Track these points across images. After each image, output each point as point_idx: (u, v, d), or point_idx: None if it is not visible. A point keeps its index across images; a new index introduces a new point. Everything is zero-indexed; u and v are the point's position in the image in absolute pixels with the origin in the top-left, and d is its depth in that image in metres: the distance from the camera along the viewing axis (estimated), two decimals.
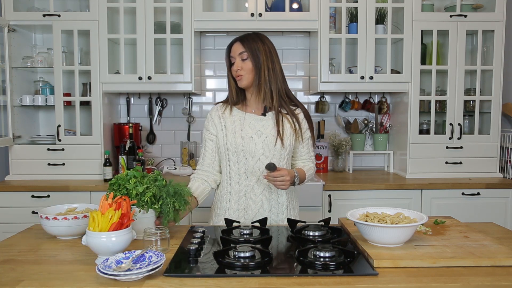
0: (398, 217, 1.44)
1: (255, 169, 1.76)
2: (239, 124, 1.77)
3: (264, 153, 1.75)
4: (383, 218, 1.42)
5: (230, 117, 1.80)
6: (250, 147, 1.74)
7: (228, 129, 1.78)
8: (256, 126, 1.77)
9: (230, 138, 1.76)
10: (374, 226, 1.33)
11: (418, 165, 2.98)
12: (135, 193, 1.47)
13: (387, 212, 1.50)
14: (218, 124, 1.80)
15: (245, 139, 1.75)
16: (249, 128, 1.76)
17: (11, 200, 2.77)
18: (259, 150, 1.75)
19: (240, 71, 1.74)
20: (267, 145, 1.75)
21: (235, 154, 1.76)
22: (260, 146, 1.75)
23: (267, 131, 1.76)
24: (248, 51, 1.73)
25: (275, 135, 1.76)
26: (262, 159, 1.75)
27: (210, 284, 1.11)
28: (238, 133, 1.76)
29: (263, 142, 1.75)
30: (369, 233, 1.35)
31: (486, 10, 3.02)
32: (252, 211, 1.79)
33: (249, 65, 1.74)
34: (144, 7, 2.88)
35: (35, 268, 1.24)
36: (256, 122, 1.78)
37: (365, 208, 1.52)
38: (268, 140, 1.75)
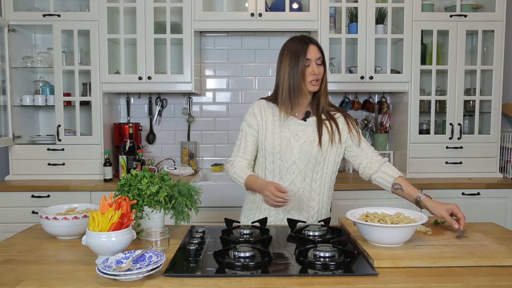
0: (398, 217, 1.44)
1: (290, 171, 1.76)
2: (279, 126, 1.76)
3: (300, 157, 1.75)
4: (383, 218, 1.42)
5: (271, 116, 1.78)
6: (287, 150, 1.74)
7: (268, 129, 1.77)
8: (295, 130, 1.76)
9: (269, 139, 1.76)
10: (374, 226, 1.33)
11: (418, 165, 2.98)
12: (148, 193, 1.47)
13: (387, 212, 1.50)
14: (260, 121, 1.79)
15: (283, 142, 1.74)
16: (288, 131, 1.75)
17: (11, 200, 2.77)
18: (296, 154, 1.74)
19: (318, 76, 1.72)
20: (303, 149, 1.74)
21: (272, 154, 1.76)
22: (297, 150, 1.74)
23: (305, 136, 1.75)
24: (323, 57, 1.73)
25: (313, 140, 1.75)
26: (298, 162, 1.75)
27: (210, 284, 1.11)
28: (277, 135, 1.75)
29: (300, 146, 1.74)
30: (369, 233, 1.35)
31: (486, 10, 3.02)
32: (284, 211, 1.80)
33: (321, 71, 1.73)
34: (144, 7, 2.88)
35: (35, 268, 1.24)
36: (296, 126, 1.76)
37: (365, 208, 1.52)
38: (305, 145, 1.74)
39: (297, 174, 1.76)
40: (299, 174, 1.77)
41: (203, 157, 3.40)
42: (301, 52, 1.69)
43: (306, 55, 1.69)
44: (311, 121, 1.78)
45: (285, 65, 1.72)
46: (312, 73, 1.70)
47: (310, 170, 1.77)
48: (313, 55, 1.70)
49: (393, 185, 1.75)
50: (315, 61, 1.71)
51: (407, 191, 1.71)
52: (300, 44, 1.71)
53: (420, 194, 1.66)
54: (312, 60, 1.70)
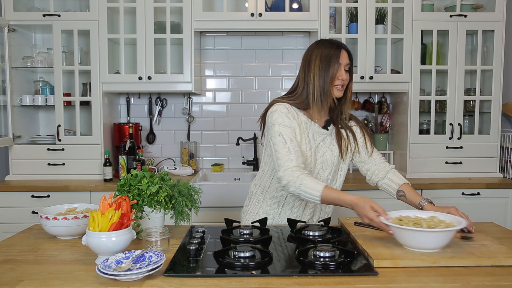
0: (433, 221, 1.39)
1: None
2: (305, 133, 1.70)
3: (323, 168, 1.74)
4: (417, 222, 1.37)
5: (297, 119, 1.69)
6: (311, 159, 1.70)
7: (296, 132, 1.67)
8: (317, 139, 1.73)
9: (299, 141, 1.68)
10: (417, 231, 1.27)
11: (418, 165, 2.98)
12: (148, 193, 1.47)
13: (420, 215, 1.46)
14: (293, 121, 1.67)
15: (308, 151, 1.69)
16: (312, 139, 1.71)
17: (11, 200, 2.77)
18: (319, 164, 1.73)
19: (345, 81, 1.71)
20: (325, 159, 1.73)
21: None
22: (320, 160, 1.73)
23: (325, 145, 1.74)
24: (351, 64, 1.72)
25: (333, 150, 1.75)
26: (321, 173, 1.74)
27: (210, 284, 1.11)
28: (303, 142, 1.68)
29: (322, 156, 1.73)
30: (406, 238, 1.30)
31: (486, 10, 3.02)
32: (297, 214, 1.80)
33: (348, 78, 1.72)
34: (144, 7, 2.88)
35: (35, 268, 1.24)
36: (318, 136, 1.73)
37: (397, 211, 1.47)
38: (327, 155, 1.74)
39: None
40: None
41: (203, 157, 3.40)
42: (333, 56, 1.66)
43: (339, 59, 1.67)
44: (331, 130, 1.77)
45: (315, 67, 1.66)
46: (340, 77, 1.67)
47: (331, 179, 1.78)
48: (344, 61, 1.68)
49: (397, 192, 1.75)
50: (344, 67, 1.69)
51: (409, 198, 1.71)
52: (332, 48, 1.68)
53: (422, 201, 1.66)
54: (342, 65, 1.68)
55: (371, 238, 1.45)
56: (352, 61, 1.74)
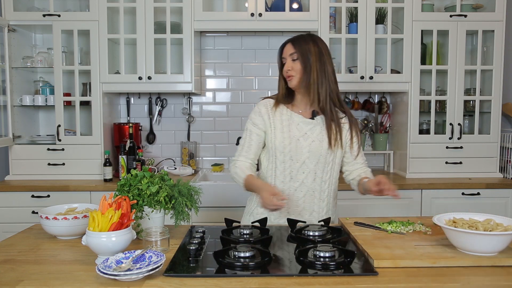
0: (489, 224, 1.36)
1: (300, 172, 1.75)
2: (287, 124, 1.76)
3: (310, 157, 1.74)
4: (473, 225, 1.35)
5: (278, 115, 1.78)
6: (297, 150, 1.74)
7: (277, 128, 1.76)
8: (303, 129, 1.75)
9: (279, 137, 1.75)
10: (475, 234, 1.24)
11: (418, 165, 2.98)
12: (148, 193, 1.47)
13: (475, 218, 1.43)
14: (267, 120, 1.78)
15: (293, 141, 1.74)
16: (297, 130, 1.75)
17: (11, 200, 2.77)
18: (305, 153, 1.74)
19: (291, 71, 1.73)
20: (313, 149, 1.74)
21: (283, 154, 1.75)
22: (306, 149, 1.74)
23: (313, 135, 1.75)
24: (298, 52, 1.72)
25: (321, 140, 1.75)
26: (307, 162, 1.75)
27: (210, 284, 1.11)
28: (286, 134, 1.75)
29: (309, 146, 1.74)
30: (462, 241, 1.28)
31: (486, 10, 3.02)
32: (294, 213, 1.78)
33: (298, 66, 1.72)
34: (144, 7, 2.88)
35: (35, 268, 1.24)
36: (304, 125, 1.76)
37: (450, 213, 1.44)
38: (315, 144, 1.74)
39: (307, 174, 1.75)
40: (309, 174, 1.76)
41: (203, 157, 3.40)
42: (279, 52, 1.81)
43: (282, 54, 1.79)
44: (319, 120, 1.77)
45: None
46: (286, 69, 1.75)
47: (320, 170, 1.76)
48: (286, 53, 1.76)
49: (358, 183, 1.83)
50: (289, 58, 1.75)
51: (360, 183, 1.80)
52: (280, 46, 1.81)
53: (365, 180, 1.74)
54: (286, 57, 1.76)
55: (371, 238, 1.45)
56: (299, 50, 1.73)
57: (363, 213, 2.75)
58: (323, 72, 1.72)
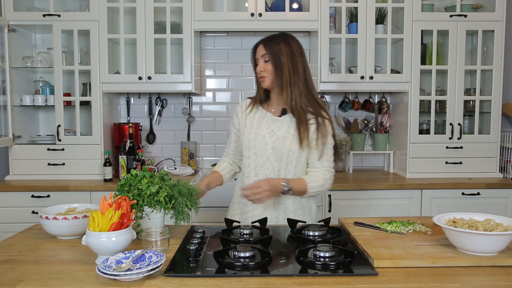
0: (489, 224, 1.36)
1: (264, 168, 1.79)
2: (257, 122, 1.83)
3: (273, 154, 1.77)
4: (473, 225, 1.34)
5: (252, 114, 1.86)
6: (261, 146, 1.78)
7: (247, 125, 1.85)
8: (271, 126, 1.80)
9: (246, 134, 1.82)
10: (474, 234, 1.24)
11: (418, 165, 2.98)
12: (148, 193, 1.47)
13: (475, 218, 1.43)
14: (241, 119, 1.88)
15: (258, 137, 1.79)
16: (264, 127, 1.80)
17: (11, 200, 2.77)
18: (269, 150, 1.77)
19: (263, 73, 1.77)
20: (276, 146, 1.76)
21: (247, 149, 1.81)
22: (270, 146, 1.77)
23: (279, 132, 1.77)
24: (269, 53, 1.74)
25: (285, 138, 1.76)
26: (271, 159, 1.78)
27: (210, 284, 1.11)
28: (253, 130, 1.82)
29: (273, 142, 1.77)
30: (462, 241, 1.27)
31: (486, 10, 3.02)
32: (260, 207, 1.81)
33: (270, 67, 1.75)
34: (144, 7, 2.88)
35: (35, 268, 1.24)
36: (272, 122, 1.81)
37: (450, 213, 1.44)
38: (278, 141, 1.76)
39: (271, 171, 1.78)
40: (272, 171, 1.78)
41: (203, 157, 3.40)
42: (252, 53, 1.83)
43: (255, 55, 1.81)
44: (287, 118, 1.80)
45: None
46: (258, 70, 1.78)
47: (283, 168, 1.78)
48: (258, 54, 1.79)
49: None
50: (261, 59, 1.77)
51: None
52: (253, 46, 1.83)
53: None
54: (258, 58, 1.79)
55: (371, 238, 1.45)
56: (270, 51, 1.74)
57: (363, 213, 2.75)
58: (295, 72, 1.74)
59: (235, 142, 1.95)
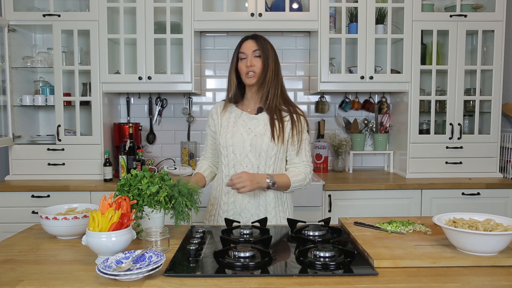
0: (489, 224, 1.36)
1: (243, 165, 1.81)
2: (233, 121, 1.85)
3: (252, 151, 1.80)
4: (473, 225, 1.34)
5: (227, 114, 1.89)
6: (239, 144, 1.80)
7: (223, 125, 1.87)
8: (247, 124, 1.82)
9: (223, 134, 1.84)
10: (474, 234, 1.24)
11: (418, 165, 2.98)
12: (148, 193, 1.47)
13: (474, 217, 1.43)
14: (216, 120, 1.90)
15: (235, 136, 1.81)
16: (241, 126, 1.83)
17: (11, 200, 2.77)
18: (247, 147, 1.80)
19: (253, 67, 1.79)
20: (254, 143, 1.79)
21: (225, 148, 1.83)
22: (248, 143, 1.80)
23: (256, 129, 1.81)
24: (261, 49, 1.79)
25: (263, 134, 1.79)
26: (250, 156, 1.80)
27: (210, 284, 1.11)
28: (230, 129, 1.83)
29: (251, 139, 1.80)
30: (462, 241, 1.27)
31: (486, 10, 3.02)
32: (240, 206, 1.83)
33: (259, 63, 1.79)
34: (144, 7, 2.88)
35: (35, 268, 1.24)
36: (249, 120, 1.83)
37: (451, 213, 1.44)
38: (256, 138, 1.79)
39: (250, 167, 1.81)
40: (251, 168, 1.80)
41: None
42: (236, 48, 1.85)
43: (240, 49, 1.83)
44: (263, 116, 1.83)
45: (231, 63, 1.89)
46: (248, 64, 1.79)
47: (262, 164, 1.80)
48: (248, 49, 1.80)
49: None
50: (251, 55, 1.79)
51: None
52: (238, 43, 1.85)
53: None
54: (247, 53, 1.80)
55: (371, 238, 1.45)
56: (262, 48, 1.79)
57: (363, 213, 2.75)
58: (277, 73, 1.81)
59: (212, 144, 1.96)
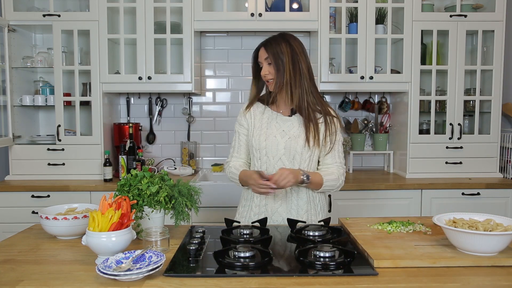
0: (489, 224, 1.36)
1: (276, 168, 1.76)
2: (266, 123, 1.81)
3: (286, 154, 1.76)
4: (473, 225, 1.34)
5: (260, 114, 1.84)
6: (273, 146, 1.76)
7: (256, 126, 1.82)
8: (281, 126, 1.78)
9: (256, 135, 1.80)
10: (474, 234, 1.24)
11: (418, 165, 2.98)
12: (149, 193, 1.47)
13: (474, 217, 1.43)
14: (250, 120, 1.85)
15: (269, 138, 1.77)
16: (275, 128, 1.79)
17: (11, 200, 2.77)
18: (281, 150, 1.76)
19: (268, 75, 1.75)
20: (289, 146, 1.75)
21: (258, 151, 1.79)
22: (282, 146, 1.76)
23: (291, 132, 1.76)
24: (270, 56, 1.73)
25: (298, 137, 1.75)
26: (283, 159, 1.76)
27: (210, 284, 1.11)
28: (263, 131, 1.79)
29: (285, 142, 1.76)
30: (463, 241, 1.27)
31: (486, 10, 3.02)
32: (272, 209, 1.80)
33: (271, 70, 1.75)
34: (144, 7, 2.88)
35: (35, 268, 1.24)
36: (283, 123, 1.79)
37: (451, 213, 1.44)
38: (290, 141, 1.75)
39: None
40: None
41: (203, 157, 3.40)
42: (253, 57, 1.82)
43: (258, 58, 1.80)
44: (297, 118, 1.79)
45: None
46: (264, 74, 1.77)
47: (296, 167, 1.76)
48: (261, 57, 1.77)
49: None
50: (264, 62, 1.76)
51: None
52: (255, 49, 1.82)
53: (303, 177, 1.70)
54: (262, 62, 1.78)
55: (371, 238, 1.45)
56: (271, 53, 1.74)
57: (362, 213, 2.75)
58: (297, 72, 1.73)
59: (245, 143, 1.87)
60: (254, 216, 1.82)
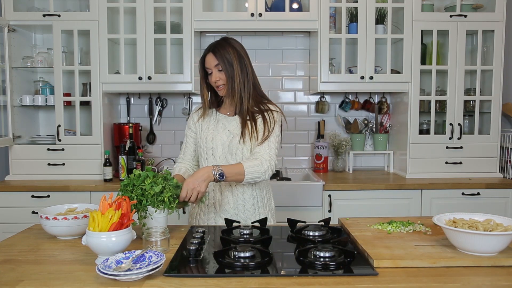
0: (489, 224, 1.35)
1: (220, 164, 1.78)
2: (213, 125, 1.87)
3: (229, 152, 1.81)
4: (473, 225, 1.34)
5: (207, 117, 1.90)
6: (219, 146, 1.82)
7: (203, 129, 1.89)
8: (227, 127, 1.84)
9: (203, 137, 1.86)
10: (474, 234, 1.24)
11: (418, 165, 2.98)
12: (152, 193, 1.47)
13: (474, 217, 1.43)
14: (197, 123, 1.92)
15: (215, 138, 1.83)
16: (221, 129, 1.84)
17: (11, 200, 2.77)
18: (225, 148, 1.82)
19: (219, 81, 1.79)
20: (231, 143, 1.81)
21: (205, 151, 1.85)
22: (226, 144, 1.82)
23: (235, 131, 1.82)
24: (221, 63, 1.76)
25: (238, 134, 1.80)
26: (228, 157, 1.82)
27: (210, 284, 1.11)
28: (210, 132, 1.85)
29: (230, 141, 1.81)
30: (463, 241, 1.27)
31: (486, 10, 3.02)
32: (220, 207, 1.84)
33: (222, 76, 1.78)
34: (144, 7, 2.88)
35: (35, 268, 1.24)
36: (228, 123, 1.85)
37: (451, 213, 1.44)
38: (233, 139, 1.81)
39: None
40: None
41: None
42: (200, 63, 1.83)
43: (205, 64, 1.81)
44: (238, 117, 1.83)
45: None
46: (214, 80, 1.79)
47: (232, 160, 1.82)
48: (210, 64, 1.79)
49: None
50: (214, 69, 1.78)
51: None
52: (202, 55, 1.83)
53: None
54: (211, 68, 1.79)
55: (371, 238, 1.45)
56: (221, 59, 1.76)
57: (363, 213, 2.75)
58: (245, 76, 1.79)
59: (191, 146, 1.96)
60: (204, 216, 1.86)
